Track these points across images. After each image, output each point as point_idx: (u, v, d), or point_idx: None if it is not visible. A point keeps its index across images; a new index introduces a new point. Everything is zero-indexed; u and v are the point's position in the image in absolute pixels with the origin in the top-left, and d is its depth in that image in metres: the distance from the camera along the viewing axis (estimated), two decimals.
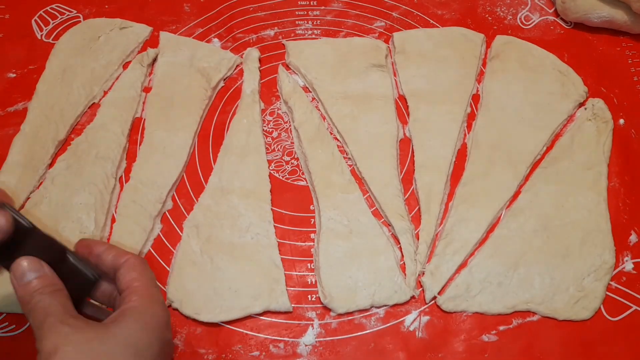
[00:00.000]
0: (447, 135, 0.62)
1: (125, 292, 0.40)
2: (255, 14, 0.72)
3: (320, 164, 0.60)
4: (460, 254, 0.55)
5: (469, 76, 0.67)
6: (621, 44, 0.71)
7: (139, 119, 0.64)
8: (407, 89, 0.65)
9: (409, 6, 0.73)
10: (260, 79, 0.66)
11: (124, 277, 0.40)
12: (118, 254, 0.42)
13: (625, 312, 0.53)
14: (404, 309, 0.53)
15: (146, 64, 0.66)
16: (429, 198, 0.58)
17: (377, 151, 0.61)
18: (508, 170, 0.60)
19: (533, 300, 0.53)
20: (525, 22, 0.73)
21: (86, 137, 0.61)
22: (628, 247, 0.57)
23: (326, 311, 0.53)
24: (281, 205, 0.59)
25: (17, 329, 0.51)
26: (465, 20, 0.72)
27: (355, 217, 0.57)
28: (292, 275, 0.55)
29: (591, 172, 0.60)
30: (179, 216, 0.58)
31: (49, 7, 0.72)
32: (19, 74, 0.66)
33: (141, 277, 0.41)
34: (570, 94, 0.65)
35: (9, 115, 0.63)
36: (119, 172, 0.60)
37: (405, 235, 0.56)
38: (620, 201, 0.59)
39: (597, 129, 0.63)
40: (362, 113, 0.63)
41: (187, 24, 0.71)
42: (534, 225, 0.57)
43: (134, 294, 0.39)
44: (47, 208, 0.56)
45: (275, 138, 0.63)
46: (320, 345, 0.52)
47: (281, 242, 0.56)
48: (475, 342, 0.52)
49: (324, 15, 0.72)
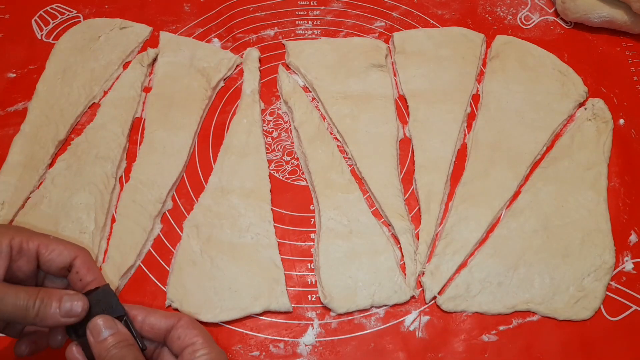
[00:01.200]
0: (447, 135, 0.62)
1: (190, 347, 0.41)
2: (255, 14, 0.72)
3: (320, 164, 0.60)
4: (460, 254, 0.55)
5: (469, 76, 0.67)
6: (621, 44, 0.71)
7: (139, 119, 0.64)
8: (407, 89, 0.66)
9: (409, 6, 0.73)
10: (260, 79, 0.66)
11: (185, 335, 0.41)
12: (167, 315, 0.43)
13: (625, 312, 0.53)
14: (404, 309, 0.53)
15: (146, 64, 0.66)
16: (429, 198, 0.58)
17: (377, 151, 0.61)
18: (508, 170, 0.60)
19: (533, 300, 0.53)
20: (525, 22, 0.73)
21: (86, 137, 0.61)
22: (628, 247, 0.57)
23: (326, 311, 0.53)
24: (281, 205, 0.59)
25: None
26: (465, 20, 0.72)
27: (355, 217, 0.57)
28: (292, 275, 0.55)
29: (591, 172, 0.60)
30: (179, 216, 0.58)
31: (49, 7, 0.72)
32: (19, 74, 0.66)
33: (201, 332, 0.42)
34: (570, 94, 0.65)
35: (9, 115, 0.63)
36: (119, 172, 0.60)
37: (405, 235, 0.56)
38: (620, 201, 0.59)
39: (597, 129, 0.63)
40: (362, 113, 0.63)
41: (187, 24, 0.71)
42: (534, 225, 0.57)
43: (203, 348, 0.41)
44: (47, 208, 0.56)
45: (275, 138, 0.63)
46: (320, 345, 0.52)
47: (281, 242, 0.56)
48: (475, 342, 0.52)
49: (324, 15, 0.72)
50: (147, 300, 0.53)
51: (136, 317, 0.42)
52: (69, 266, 0.42)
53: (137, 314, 0.42)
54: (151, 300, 0.53)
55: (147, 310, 0.43)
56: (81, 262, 0.42)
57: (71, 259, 0.42)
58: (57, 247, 0.41)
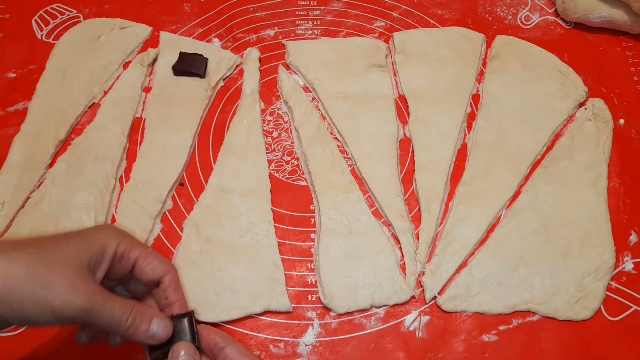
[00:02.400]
0: (447, 135, 0.62)
1: None
2: (255, 14, 0.72)
3: (320, 164, 0.60)
4: (460, 254, 0.55)
5: (469, 76, 0.67)
6: (621, 44, 0.71)
7: (139, 119, 0.64)
8: (407, 89, 0.66)
9: (409, 6, 0.73)
10: (260, 79, 0.66)
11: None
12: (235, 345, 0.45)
13: (625, 312, 0.53)
14: (404, 309, 0.53)
15: (146, 64, 0.66)
16: (429, 198, 0.58)
17: (377, 151, 0.61)
18: (508, 170, 0.60)
19: (533, 300, 0.53)
20: (525, 22, 0.73)
21: (86, 137, 0.61)
22: (628, 247, 0.57)
23: (326, 311, 0.53)
24: (281, 205, 0.59)
25: (17, 329, 0.51)
26: (465, 20, 0.72)
27: (355, 217, 0.57)
28: (292, 275, 0.55)
29: (591, 172, 0.60)
30: (179, 216, 0.58)
31: (49, 7, 0.72)
32: (19, 74, 0.66)
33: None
34: (570, 94, 0.65)
35: (9, 115, 0.63)
36: (119, 172, 0.60)
37: (405, 235, 0.56)
38: (620, 201, 0.59)
39: (597, 129, 0.63)
40: (362, 113, 0.63)
41: (187, 24, 0.71)
42: (534, 225, 0.57)
43: None
44: (47, 208, 0.56)
45: (275, 138, 0.63)
46: (320, 345, 0.52)
47: (281, 242, 0.56)
48: (475, 342, 0.52)
49: (324, 15, 0.72)
50: None
51: None
52: (158, 282, 0.44)
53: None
54: None
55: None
56: (169, 281, 0.44)
57: (161, 276, 0.44)
58: (152, 262, 0.43)
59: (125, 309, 0.40)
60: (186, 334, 0.43)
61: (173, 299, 0.45)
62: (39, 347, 0.51)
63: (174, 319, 0.44)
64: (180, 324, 0.43)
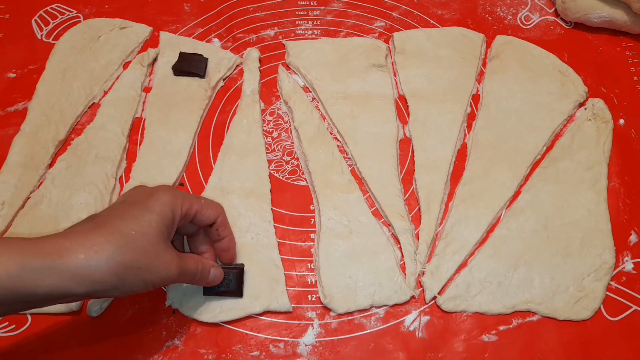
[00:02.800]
0: (447, 135, 0.62)
1: None
2: (255, 14, 0.72)
3: (320, 164, 0.60)
4: (460, 254, 0.55)
5: (469, 76, 0.67)
6: (621, 44, 0.71)
7: (139, 119, 0.64)
8: (407, 89, 0.66)
9: (409, 6, 0.73)
10: (260, 79, 0.66)
11: None
12: None
13: (625, 312, 0.53)
14: (404, 309, 0.53)
15: (146, 64, 0.66)
16: (429, 198, 0.58)
17: (377, 151, 0.61)
18: (508, 170, 0.60)
19: (533, 300, 0.53)
20: (525, 22, 0.73)
21: (86, 137, 0.61)
22: (628, 247, 0.57)
23: (326, 311, 0.53)
24: (281, 205, 0.59)
25: (17, 329, 0.52)
26: (465, 20, 0.72)
27: (355, 217, 0.57)
28: (292, 275, 0.55)
29: (591, 172, 0.60)
30: None
31: (49, 7, 0.72)
32: (19, 74, 0.66)
33: None
34: (570, 94, 0.65)
35: (9, 115, 0.63)
36: (119, 172, 0.60)
37: (405, 235, 0.56)
38: (620, 201, 0.59)
39: (597, 129, 0.63)
40: (362, 113, 0.63)
41: (187, 24, 0.71)
42: (534, 225, 0.57)
43: None
44: (47, 208, 0.56)
45: (275, 138, 0.63)
46: (320, 345, 0.52)
47: (281, 242, 0.56)
48: (475, 342, 0.52)
49: (324, 15, 0.72)
50: (147, 300, 0.53)
51: None
52: (212, 223, 0.50)
53: None
54: (151, 300, 0.53)
55: None
56: (220, 221, 0.50)
57: (215, 219, 0.50)
58: (207, 210, 0.49)
59: (195, 265, 0.48)
60: (233, 284, 0.52)
61: (224, 234, 0.51)
62: (39, 346, 0.51)
63: (225, 268, 0.52)
64: (229, 274, 0.52)
